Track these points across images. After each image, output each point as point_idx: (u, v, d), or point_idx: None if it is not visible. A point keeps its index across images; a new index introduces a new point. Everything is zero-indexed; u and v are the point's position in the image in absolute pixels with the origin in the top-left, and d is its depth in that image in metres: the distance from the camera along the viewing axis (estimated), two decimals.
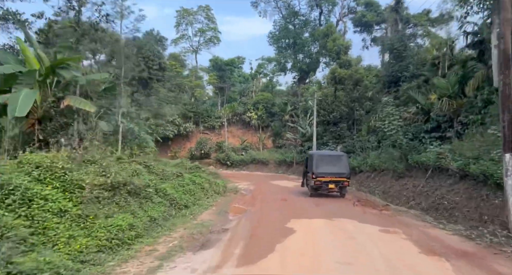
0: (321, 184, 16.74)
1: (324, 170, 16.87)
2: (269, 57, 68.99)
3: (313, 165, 17.18)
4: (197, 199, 14.08)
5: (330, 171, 16.95)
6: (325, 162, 17.38)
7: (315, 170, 16.89)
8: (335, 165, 17.35)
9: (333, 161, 17.59)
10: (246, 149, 47.19)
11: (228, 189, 21.02)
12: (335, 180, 16.87)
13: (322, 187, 16.93)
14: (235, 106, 54.83)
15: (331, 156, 18.73)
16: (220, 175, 29.70)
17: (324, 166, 17.06)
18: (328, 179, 16.72)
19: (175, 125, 50.73)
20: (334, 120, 32.15)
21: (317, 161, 17.23)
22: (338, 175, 17.01)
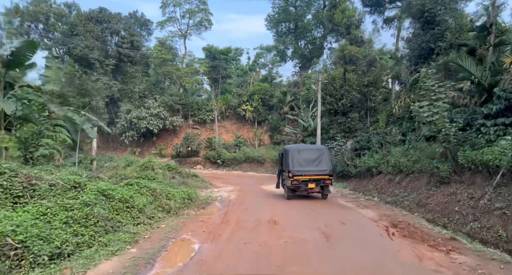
0: (299, 184, 14.12)
1: (302, 168, 14.23)
2: (268, 46, 62.37)
3: (289, 162, 14.31)
4: (104, 233, 7.41)
5: (309, 168, 14.33)
6: (303, 158, 14.50)
7: (292, 168, 14.11)
8: (314, 161, 14.64)
9: (312, 157, 14.64)
10: (239, 145, 40.59)
11: (199, 200, 14.53)
12: (315, 179, 14.27)
13: (301, 187, 14.30)
14: (228, 98, 48.24)
15: (310, 151, 15.38)
16: (199, 177, 23.37)
17: (303, 163, 14.38)
18: (307, 178, 14.12)
19: (160, 118, 44.28)
20: (343, 109, 25.54)
21: (293, 157, 14.34)
22: (318, 172, 14.35)
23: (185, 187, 16.40)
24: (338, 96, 25.30)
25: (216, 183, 24.94)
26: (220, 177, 30.65)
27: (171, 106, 45.99)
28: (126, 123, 43.55)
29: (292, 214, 12.17)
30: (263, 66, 62.51)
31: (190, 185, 21.04)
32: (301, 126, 34.92)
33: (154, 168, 21.58)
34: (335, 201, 15.08)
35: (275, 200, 15.47)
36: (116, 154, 47.53)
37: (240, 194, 17.72)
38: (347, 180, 25.21)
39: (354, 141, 25.29)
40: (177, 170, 22.25)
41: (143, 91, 45.63)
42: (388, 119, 23.16)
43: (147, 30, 48.31)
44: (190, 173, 23.65)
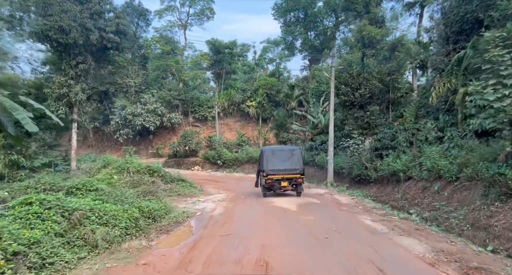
0: (273, 182, 14.61)
1: (275, 167, 14.72)
2: (275, 40, 57.99)
3: (263, 163, 14.91)
4: None
5: (282, 167, 14.80)
6: (276, 158, 15.10)
7: (266, 168, 14.67)
8: (287, 161, 15.10)
9: (284, 157, 15.23)
10: (241, 145, 36.33)
11: (167, 218, 10.36)
12: (288, 177, 14.75)
13: (275, 185, 14.76)
14: (232, 93, 44.01)
15: (283, 151, 15.91)
16: (187, 182, 19.26)
17: (276, 163, 14.86)
18: (280, 177, 14.63)
19: (157, 115, 40.27)
20: (361, 101, 21.09)
21: (267, 157, 14.96)
22: (290, 171, 14.86)
23: (154, 199, 12.21)
24: (355, 85, 20.86)
25: (209, 188, 20.74)
26: (217, 180, 26.48)
27: (169, 102, 41.98)
28: (121, 120, 39.66)
29: (295, 244, 7.84)
30: (270, 61, 58.16)
31: (173, 192, 16.95)
32: (310, 123, 30.52)
33: (131, 171, 17.54)
34: (358, 220, 10.71)
35: (273, 216, 11.16)
36: (111, 153, 43.66)
37: (230, 206, 13.44)
38: (365, 186, 20.77)
39: (374, 139, 20.84)
40: (160, 173, 18.11)
41: (139, 85, 41.70)
42: (418, 112, 18.68)
43: (145, 21, 44.39)
44: (177, 176, 19.47)
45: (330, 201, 14.46)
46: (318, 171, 27.62)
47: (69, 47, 24.04)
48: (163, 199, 12.65)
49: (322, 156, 26.69)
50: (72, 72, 24.63)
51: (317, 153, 28.01)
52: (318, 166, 27.67)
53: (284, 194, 16.51)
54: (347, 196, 16.46)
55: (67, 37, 23.10)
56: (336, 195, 16.80)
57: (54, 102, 24.60)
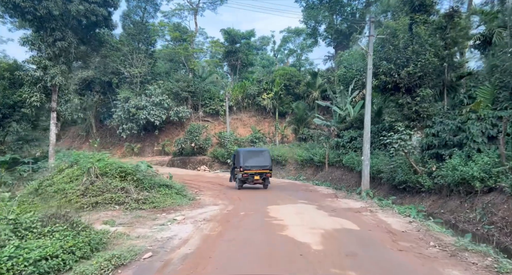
0: (248, 176, 16.77)
1: (250, 164, 16.82)
2: (296, 29, 52.45)
3: (240, 160, 16.83)
4: None
5: (255, 164, 16.94)
6: (250, 156, 17.22)
7: (243, 164, 16.73)
8: (259, 159, 17.19)
9: (257, 156, 17.41)
10: (254, 141, 31.07)
11: (88, 265, 5.25)
12: (259, 172, 16.99)
13: (249, 179, 16.91)
14: (246, 85, 38.80)
15: (255, 152, 18.57)
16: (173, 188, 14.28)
17: (250, 160, 16.92)
18: (253, 172, 16.83)
19: (163, 108, 35.62)
20: (409, 82, 15.39)
21: (243, 156, 16.99)
22: (262, 167, 17.05)
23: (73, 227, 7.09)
24: (401, 60, 15.18)
25: (206, 196, 15.69)
26: (223, 183, 21.38)
27: (177, 94, 37.21)
28: (124, 113, 35.23)
29: None
30: (291, 52, 52.69)
31: (148, 203, 11.95)
32: (336, 116, 24.93)
33: (93, 173, 12.63)
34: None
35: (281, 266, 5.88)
36: (114, 150, 39.39)
37: (214, 234, 8.22)
38: (413, 196, 15.11)
39: (426, 133, 15.13)
40: (135, 177, 13.11)
41: (144, 75, 37.15)
42: (497, 96, 12.94)
43: (153, 5, 39.79)
44: (160, 180, 14.45)
45: (375, 227, 8.99)
46: (346, 175, 22.04)
47: (43, 20, 19.45)
48: (92, 225, 7.55)
49: (351, 156, 21.12)
50: (49, 51, 20.05)
51: (345, 152, 22.44)
52: (346, 168, 22.09)
53: (301, 211, 11.18)
54: (397, 215, 10.92)
55: (39, 6, 18.52)
56: (380, 213, 11.27)
57: (28, 87, 20.07)
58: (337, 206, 12.73)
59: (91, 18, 20.49)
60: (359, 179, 20.81)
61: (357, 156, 20.75)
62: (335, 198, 15.37)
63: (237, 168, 17.46)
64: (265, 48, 63.22)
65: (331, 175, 23.38)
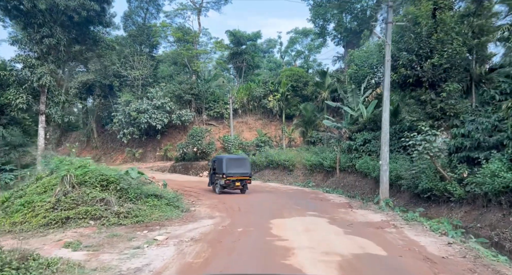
0: (230, 182, 17.45)
1: (232, 171, 17.52)
2: (304, 29, 50.60)
3: (223, 167, 17.47)
4: None
5: (237, 171, 17.69)
6: (232, 164, 17.84)
7: (226, 171, 17.36)
8: (240, 167, 17.99)
9: (238, 164, 18.16)
10: (260, 145, 29.15)
11: None
12: (240, 179, 17.72)
13: (230, 185, 17.60)
14: (252, 87, 37.00)
15: (237, 159, 19.25)
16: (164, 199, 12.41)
17: (232, 168, 17.61)
18: (235, 178, 17.50)
19: (165, 111, 33.99)
20: (432, 76, 13.36)
21: (226, 163, 17.59)
22: (243, 175, 17.80)
23: None
24: (424, 51, 13.19)
25: (202, 206, 13.85)
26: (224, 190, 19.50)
27: (179, 97, 35.54)
28: (124, 117, 33.64)
29: None
30: (298, 54, 50.79)
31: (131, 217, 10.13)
32: (348, 117, 22.92)
33: (68, 182, 10.84)
34: None
35: None
36: (116, 155, 37.88)
37: (198, 264, 6.28)
38: (440, 207, 13.04)
39: (454, 133, 13.07)
40: (118, 186, 11.28)
41: (145, 77, 35.62)
42: None
43: (156, 6, 38.39)
44: (151, 189, 12.60)
45: (406, 251, 6.96)
46: (360, 181, 19.98)
47: (29, 15, 17.91)
48: (44, 249, 5.70)
49: (365, 160, 19.08)
50: (36, 49, 18.50)
51: (358, 156, 20.39)
52: (359, 174, 20.05)
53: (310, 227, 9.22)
54: (429, 232, 8.87)
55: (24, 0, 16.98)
56: (407, 228, 9.24)
57: (14, 88, 18.51)
58: (353, 219, 10.72)
59: (82, 13, 18.90)
60: (375, 186, 18.77)
61: (372, 161, 18.71)
62: (349, 209, 13.35)
63: (218, 174, 18.17)
64: (272, 51, 61.47)
65: (342, 181, 21.32)
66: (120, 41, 36.49)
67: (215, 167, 18.73)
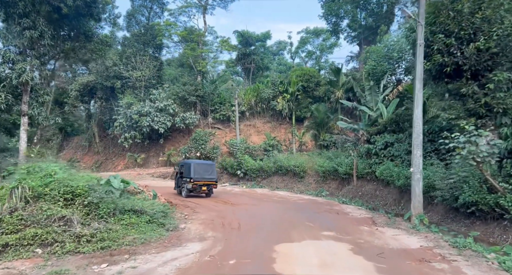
0: (196, 186, 17.75)
1: (199, 176, 17.91)
2: (315, 29, 48.20)
3: (191, 172, 17.80)
4: None
5: (204, 176, 18.09)
6: (200, 169, 18.20)
7: (193, 176, 17.73)
8: (207, 172, 18.42)
9: (206, 169, 18.56)
10: (268, 150, 26.68)
11: None
12: (207, 183, 18.06)
13: (197, 189, 17.85)
14: (260, 88, 34.66)
15: (205, 165, 19.30)
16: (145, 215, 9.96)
17: (200, 173, 18.03)
18: (202, 183, 17.83)
19: (168, 114, 31.89)
20: (476, 63, 10.76)
21: (194, 168, 17.93)
22: (209, 179, 18.20)
23: None
24: (466, 32, 10.62)
25: (195, 221, 11.45)
26: (227, 200, 17.13)
27: (183, 99, 33.41)
28: (126, 120, 31.62)
29: None
30: (309, 54, 48.35)
31: (96, 242, 7.83)
32: (365, 117, 20.32)
33: (30, 197, 8.62)
34: None
35: None
36: (117, 161, 35.84)
37: None
38: (487, 225, 10.33)
39: (506, 133, 10.42)
40: (86, 200, 8.97)
41: (148, 79, 33.64)
42: None
43: (160, 5, 36.50)
44: (131, 203, 10.27)
45: None
46: (381, 190, 17.33)
47: (7, 4, 15.94)
48: None
49: (387, 166, 16.45)
50: (17, 43, 16.51)
51: (379, 162, 17.77)
52: (380, 182, 17.42)
53: (328, 259, 6.71)
54: (500, 271, 6.26)
55: None
56: (462, 262, 6.66)
57: None
58: (383, 245, 8.17)
59: (67, 2, 16.83)
60: (399, 196, 16.11)
61: (395, 167, 16.08)
62: (373, 226, 10.79)
63: (185, 178, 18.35)
64: (282, 53, 59.21)
65: (360, 190, 18.69)
66: (122, 42, 34.65)
67: (182, 171, 19.09)
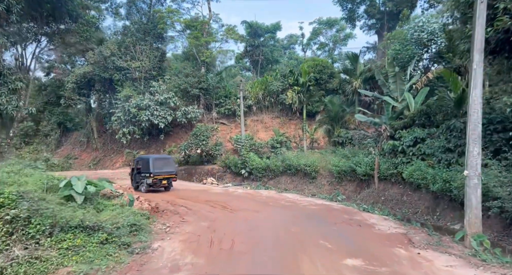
0: (157, 181, 17.72)
1: (159, 170, 17.88)
2: (328, 19, 44.99)
3: (150, 167, 17.71)
4: None
5: (163, 170, 18.09)
6: (159, 163, 18.20)
7: (153, 171, 17.65)
8: (166, 166, 18.43)
9: (164, 163, 18.62)
10: (276, 147, 23.80)
11: None
12: (167, 177, 18.10)
13: (157, 183, 17.83)
14: (268, 80, 31.79)
15: (163, 159, 19.43)
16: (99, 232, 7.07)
17: (159, 167, 17.97)
18: (162, 177, 17.85)
19: (169, 108, 29.33)
20: None
21: (153, 163, 17.86)
22: (169, 173, 18.26)
23: None
24: None
25: (176, 237, 8.74)
26: (227, 205, 14.41)
27: (185, 91, 30.77)
28: (124, 114, 29.17)
29: None
30: (322, 46, 45.15)
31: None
32: (389, 109, 17.25)
33: None
34: None
35: None
36: (116, 158, 33.46)
37: None
38: None
39: None
40: (10, 214, 6.30)
41: (149, 70, 31.11)
42: None
43: None
44: (76, 216, 7.57)
45: None
46: (409, 195, 14.31)
47: None
48: None
49: (418, 166, 13.46)
50: None
51: (406, 161, 14.76)
52: (409, 185, 14.42)
53: None
54: None
55: None
56: None
57: None
58: None
59: None
60: (434, 203, 13.09)
61: (429, 168, 13.07)
62: (412, 248, 7.90)
63: (143, 173, 18.14)
64: (293, 47, 56.11)
65: (383, 194, 15.69)
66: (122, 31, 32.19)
67: (139, 167, 18.84)
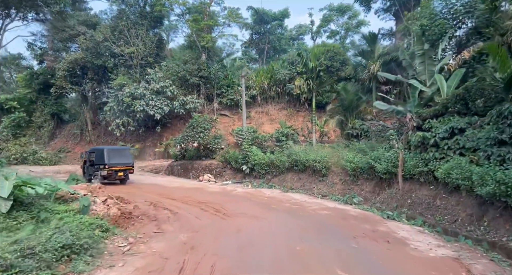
0: (112, 173, 17.13)
1: (114, 161, 17.28)
2: (340, 6, 41.83)
3: (104, 158, 17.05)
4: None
5: (119, 161, 17.55)
6: (114, 155, 17.70)
7: (108, 162, 16.99)
8: (122, 157, 17.95)
9: (120, 154, 18.14)
10: (281, 140, 21.04)
11: None
12: (123, 169, 17.57)
13: (113, 175, 17.24)
14: (274, 68, 29.00)
15: (118, 150, 19.06)
16: None
17: (114, 158, 17.44)
18: (118, 168, 17.30)
19: (166, 98, 26.79)
20: None
21: (108, 154, 17.28)
22: (125, 164, 17.70)
23: None
24: None
25: (135, 259, 6.06)
26: (220, 208, 11.89)
27: (184, 80, 28.17)
28: (117, 104, 26.72)
29: None
30: (333, 34, 42.06)
31: None
32: (415, 95, 14.34)
33: None
34: None
35: None
36: None
37: None
38: None
39: None
40: None
41: (145, 56, 28.56)
42: None
43: None
44: None
45: None
46: (443, 198, 11.46)
47: None
48: None
49: (457, 163, 10.63)
50: None
51: (440, 156, 11.93)
52: (443, 187, 11.57)
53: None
54: None
55: None
56: None
57: None
58: None
59: None
60: (480, 210, 10.19)
61: (473, 165, 10.25)
62: None
63: (97, 165, 17.37)
64: (302, 37, 53.03)
65: (409, 196, 12.88)
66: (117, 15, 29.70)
67: (92, 159, 18.13)
